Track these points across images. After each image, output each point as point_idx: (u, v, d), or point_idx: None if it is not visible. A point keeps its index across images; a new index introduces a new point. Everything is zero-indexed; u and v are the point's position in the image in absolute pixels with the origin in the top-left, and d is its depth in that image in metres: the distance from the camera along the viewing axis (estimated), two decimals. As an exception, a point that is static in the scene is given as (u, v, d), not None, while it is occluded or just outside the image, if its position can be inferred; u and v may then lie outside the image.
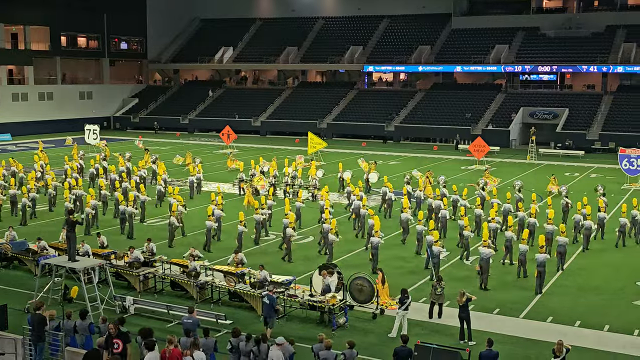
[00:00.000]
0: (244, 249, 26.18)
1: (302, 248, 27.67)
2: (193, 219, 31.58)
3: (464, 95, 74.15)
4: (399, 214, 29.74)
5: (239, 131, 66.53)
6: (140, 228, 30.43)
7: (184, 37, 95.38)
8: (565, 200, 32.60)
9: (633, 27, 71.76)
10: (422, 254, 26.26)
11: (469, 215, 30.04)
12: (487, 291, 22.43)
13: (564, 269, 25.07)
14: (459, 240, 27.12)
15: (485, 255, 22.80)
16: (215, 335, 17.22)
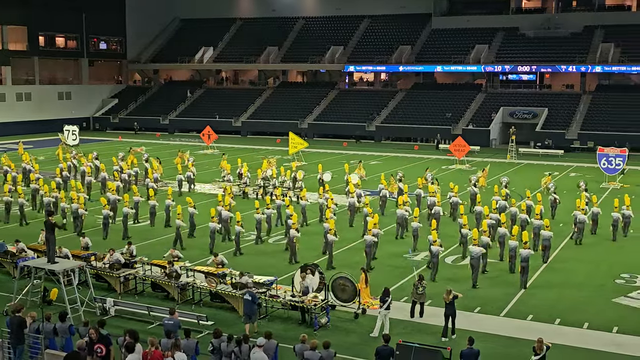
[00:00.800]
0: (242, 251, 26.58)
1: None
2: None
3: (444, 95, 74.48)
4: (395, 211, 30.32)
5: (220, 131, 66.29)
6: (132, 228, 30.17)
7: (164, 37, 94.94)
8: (553, 196, 33.63)
9: (611, 27, 72.49)
10: (417, 249, 27.22)
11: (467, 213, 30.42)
12: (476, 289, 22.63)
13: (547, 261, 25.83)
14: (460, 237, 27.16)
15: (475, 253, 22.99)
16: (196, 337, 17.14)
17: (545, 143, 63.11)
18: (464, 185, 39.07)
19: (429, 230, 25.56)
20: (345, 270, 22.29)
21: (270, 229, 29.72)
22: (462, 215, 27.80)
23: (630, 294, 22.21)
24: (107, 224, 29.17)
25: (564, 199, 35.11)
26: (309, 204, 31.80)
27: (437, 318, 19.66)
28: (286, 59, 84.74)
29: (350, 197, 32.60)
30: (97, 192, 38.71)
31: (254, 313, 18.72)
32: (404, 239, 29.05)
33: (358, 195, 33.52)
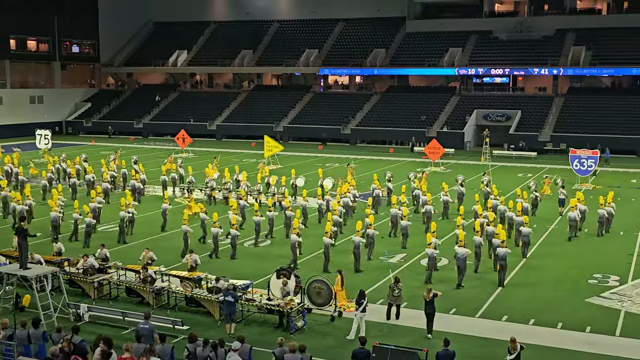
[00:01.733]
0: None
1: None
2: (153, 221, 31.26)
3: (419, 98, 74.85)
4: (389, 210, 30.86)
5: (194, 135, 66.01)
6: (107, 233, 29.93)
7: (137, 40, 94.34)
8: (534, 194, 34.76)
9: (582, 30, 73.39)
10: (407, 246, 28.04)
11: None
12: (458, 289, 22.88)
13: (527, 256, 26.67)
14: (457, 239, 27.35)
15: (461, 254, 23.17)
16: (172, 341, 17.03)
17: (520, 145, 63.70)
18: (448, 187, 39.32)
19: (421, 229, 25.78)
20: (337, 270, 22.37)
21: (271, 232, 29.91)
22: (460, 216, 27.91)
23: (602, 294, 22.47)
24: (90, 233, 28.59)
25: (546, 198, 35.92)
26: (276, 214, 31.20)
27: (414, 320, 19.73)
28: (261, 62, 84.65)
29: (344, 197, 33.10)
30: (82, 194, 38.46)
31: (234, 312, 18.87)
32: (397, 237, 29.43)
33: (353, 196, 34.13)
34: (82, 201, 32.83)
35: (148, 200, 38.21)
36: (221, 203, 37.10)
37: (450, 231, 29.12)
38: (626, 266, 25.75)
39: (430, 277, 23.58)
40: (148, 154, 56.75)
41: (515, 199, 32.10)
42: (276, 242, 29.03)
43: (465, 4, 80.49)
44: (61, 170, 44.09)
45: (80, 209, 29.81)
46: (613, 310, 21.06)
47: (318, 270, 23.99)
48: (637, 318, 20.37)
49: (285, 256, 26.30)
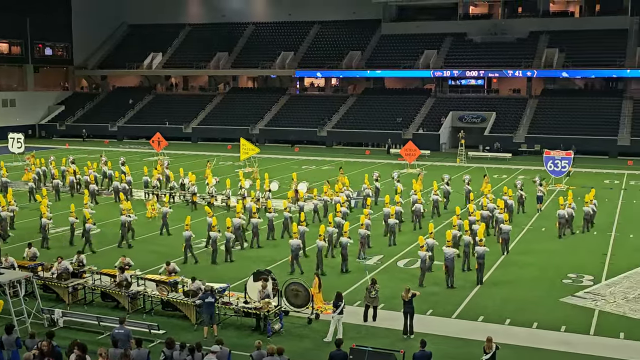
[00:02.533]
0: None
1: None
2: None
3: (394, 100, 75.13)
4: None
5: (170, 138, 65.57)
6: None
7: (111, 42, 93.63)
8: (520, 193, 35.89)
9: (555, 32, 74.17)
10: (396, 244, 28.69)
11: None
12: (453, 289, 23.11)
13: (507, 253, 27.46)
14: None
15: (449, 255, 23.30)
16: (148, 346, 16.89)
17: (495, 147, 64.18)
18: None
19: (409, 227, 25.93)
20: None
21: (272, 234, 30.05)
22: (454, 217, 28.17)
23: (577, 294, 22.69)
24: (89, 238, 28.10)
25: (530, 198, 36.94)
26: (275, 215, 31.01)
27: (391, 321, 19.78)
28: (236, 64, 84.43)
29: (336, 197, 33.65)
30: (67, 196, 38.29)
31: (214, 313, 18.82)
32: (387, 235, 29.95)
33: (347, 196, 34.71)
34: (65, 203, 32.55)
35: (134, 204, 37.66)
36: (199, 207, 36.75)
37: (441, 230, 29.34)
38: (600, 266, 26.04)
39: (423, 280, 23.53)
40: (124, 157, 56.18)
41: (502, 196, 33.16)
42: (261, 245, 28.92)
43: (440, 6, 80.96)
44: (48, 172, 44.07)
45: (76, 212, 29.72)
46: (587, 309, 21.28)
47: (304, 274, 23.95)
48: (611, 317, 20.60)
49: (264, 259, 26.24)
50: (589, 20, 74.49)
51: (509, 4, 78.98)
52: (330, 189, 36.25)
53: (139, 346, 15.53)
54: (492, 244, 27.53)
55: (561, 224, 30.85)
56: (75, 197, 39.50)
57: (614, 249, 28.79)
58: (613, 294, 22.72)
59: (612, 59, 68.60)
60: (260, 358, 15.17)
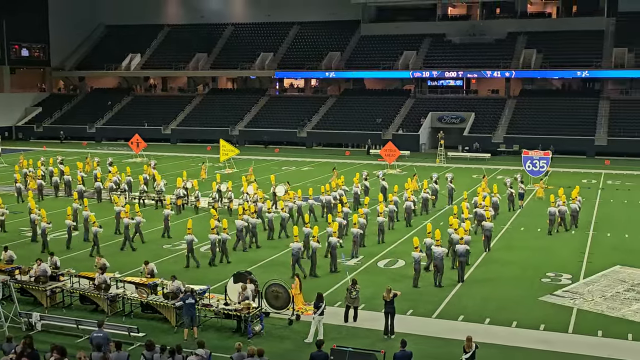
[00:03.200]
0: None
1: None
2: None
3: (374, 101, 75.31)
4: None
5: (149, 139, 65.24)
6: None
7: (89, 43, 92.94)
8: (510, 190, 36.93)
9: (533, 33, 74.79)
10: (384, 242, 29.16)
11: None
12: (419, 289, 23.13)
13: (489, 250, 28.05)
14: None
15: (438, 254, 23.46)
16: (127, 349, 16.77)
17: (474, 147, 64.54)
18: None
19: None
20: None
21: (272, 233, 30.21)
22: (451, 217, 28.19)
23: (555, 292, 22.86)
24: (97, 242, 27.67)
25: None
26: (275, 215, 30.95)
27: (372, 322, 19.80)
28: (216, 65, 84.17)
29: (327, 195, 34.13)
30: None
31: (195, 315, 18.74)
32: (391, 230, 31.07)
33: (339, 195, 34.93)
34: (49, 204, 32.15)
35: (106, 205, 37.57)
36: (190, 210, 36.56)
37: (444, 227, 29.37)
38: (578, 264, 26.27)
39: (417, 280, 23.51)
40: (103, 159, 55.76)
41: (489, 194, 33.95)
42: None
43: (419, 7, 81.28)
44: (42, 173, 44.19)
45: (71, 215, 29.50)
46: (566, 308, 21.45)
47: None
48: (589, 315, 20.79)
49: (246, 260, 26.18)
50: (566, 21, 75.21)
51: (487, 5, 79.54)
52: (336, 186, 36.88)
53: (118, 349, 15.42)
54: (477, 242, 28.10)
55: (552, 221, 31.40)
56: (62, 199, 39.24)
57: (592, 247, 29.06)
58: (591, 292, 22.93)
59: (589, 60, 69.30)
60: (240, 359, 15.12)
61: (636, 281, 24.06)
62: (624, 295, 22.52)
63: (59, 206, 35.75)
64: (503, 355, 17.88)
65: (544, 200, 39.11)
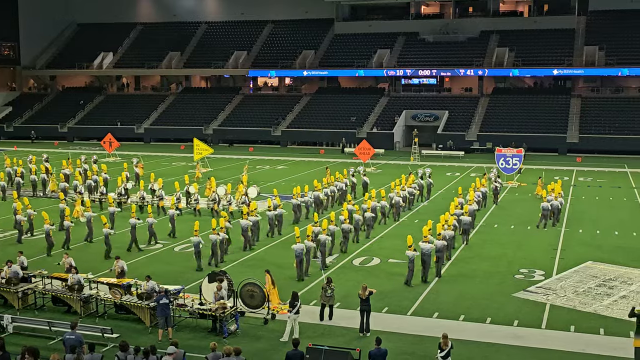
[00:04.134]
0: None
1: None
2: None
3: (348, 99, 75.43)
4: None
5: (122, 139, 64.71)
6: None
7: (60, 42, 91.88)
8: (495, 185, 38.10)
9: (505, 32, 75.42)
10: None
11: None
12: (410, 287, 23.24)
13: (467, 242, 28.80)
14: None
15: (426, 250, 23.58)
16: (101, 350, 16.62)
17: (448, 145, 64.93)
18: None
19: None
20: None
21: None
22: (447, 213, 28.53)
23: (529, 288, 23.07)
24: (109, 242, 27.23)
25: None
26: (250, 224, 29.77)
27: (347, 320, 19.82)
28: (189, 64, 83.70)
29: (316, 192, 34.48)
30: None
31: (170, 316, 18.66)
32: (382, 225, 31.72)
33: (331, 191, 35.92)
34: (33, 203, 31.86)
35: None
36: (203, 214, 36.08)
37: (419, 225, 29.84)
38: (551, 261, 26.55)
39: (411, 279, 23.52)
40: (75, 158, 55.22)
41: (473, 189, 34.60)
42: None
43: (393, 6, 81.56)
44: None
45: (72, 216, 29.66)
46: (539, 303, 21.65)
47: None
48: (562, 311, 21.00)
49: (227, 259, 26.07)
50: (538, 20, 75.95)
51: (460, 3, 79.99)
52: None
53: (91, 351, 15.27)
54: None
55: (545, 216, 32.17)
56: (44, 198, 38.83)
57: (564, 244, 29.38)
58: (564, 288, 23.18)
59: (560, 58, 70.09)
60: (217, 359, 15.05)
61: (607, 277, 24.38)
62: (595, 291, 22.81)
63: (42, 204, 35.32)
64: (477, 352, 17.99)
65: (531, 197, 39.73)
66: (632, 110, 65.97)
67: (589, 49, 70.25)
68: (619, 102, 68.22)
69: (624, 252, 27.79)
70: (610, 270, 25.15)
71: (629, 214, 35.88)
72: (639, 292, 22.46)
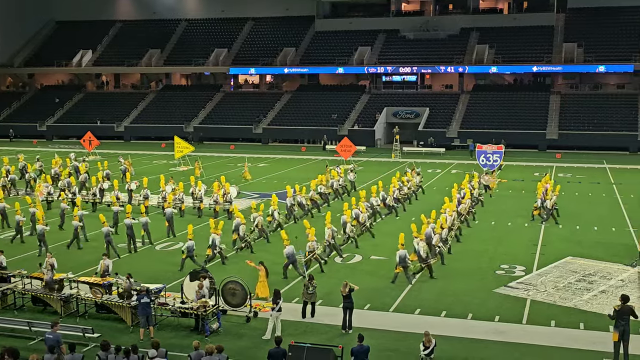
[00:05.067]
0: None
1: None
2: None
3: (329, 97, 75.43)
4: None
5: (102, 137, 64.29)
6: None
7: (39, 40, 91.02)
8: (483, 180, 39.20)
9: (485, 29, 75.79)
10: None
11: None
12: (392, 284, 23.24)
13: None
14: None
15: (402, 255, 23.14)
16: (82, 350, 16.51)
17: (429, 142, 65.16)
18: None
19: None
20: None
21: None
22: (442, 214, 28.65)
23: (510, 284, 23.22)
24: (111, 241, 26.86)
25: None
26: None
27: (330, 317, 19.83)
28: (169, 61, 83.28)
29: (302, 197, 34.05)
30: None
31: (152, 315, 18.62)
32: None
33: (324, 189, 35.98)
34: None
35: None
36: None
37: (407, 221, 29.63)
38: (531, 256, 26.74)
39: (405, 277, 23.54)
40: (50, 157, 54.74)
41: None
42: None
43: (373, 3, 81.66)
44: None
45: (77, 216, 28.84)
46: (520, 299, 21.80)
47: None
48: (542, 306, 21.16)
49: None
50: (517, 17, 76.39)
51: (440, 1, 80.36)
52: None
53: (72, 351, 15.17)
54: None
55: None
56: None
57: (544, 239, 29.60)
58: (544, 283, 23.35)
59: (540, 55, 70.57)
60: (198, 358, 15.00)
61: (587, 272, 24.60)
62: (575, 286, 23.00)
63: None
64: (459, 348, 18.08)
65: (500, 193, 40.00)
66: (611, 107, 66.60)
67: (568, 46, 70.80)
68: (597, 99, 68.82)
69: (603, 248, 28.05)
70: (590, 266, 25.38)
71: (608, 210, 36.21)
72: (618, 287, 22.68)
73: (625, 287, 22.72)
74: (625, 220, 33.50)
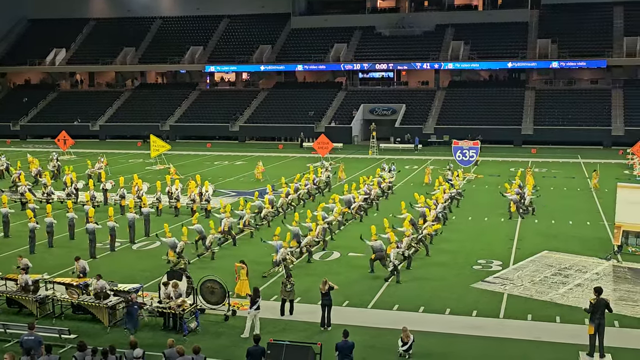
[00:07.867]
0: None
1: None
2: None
3: (306, 94, 75.41)
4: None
5: (77, 136, 63.68)
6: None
7: (11, 38, 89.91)
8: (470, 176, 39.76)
9: (460, 26, 76.18)
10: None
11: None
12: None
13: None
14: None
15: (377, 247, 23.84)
16: (59, 352, 16.34)
17: (406, 138, 65.38)
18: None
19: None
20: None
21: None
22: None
23: (487, 279, 23.37)
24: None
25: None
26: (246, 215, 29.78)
27: (308, 314, 19.82)
28: (144, 59, 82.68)
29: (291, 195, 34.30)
30: None
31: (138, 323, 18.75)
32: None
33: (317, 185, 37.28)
34: None
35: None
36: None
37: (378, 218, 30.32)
38: (508, 251, 26.93)
39: (379, 269, 23.78)
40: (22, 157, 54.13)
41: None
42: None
43: (349, 0, 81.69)
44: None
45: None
46: (497, 293, 21.95)
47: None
48: (519, 300, 21.32)
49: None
50: (492, 13, 76.94)
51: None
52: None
53: (48, 352, 15.00)
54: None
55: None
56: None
57: (521, 234, 29.83)
58: (520, 277, 23.53)
59: (514, 51, 71.09)
60: (172, 356, 14.92)
61: (563, 265, 24.83)
62: (551, 280, 23.21)
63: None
64: (438, 343, 18.16)
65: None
66: (585, 102, 67.29)
67: (542, 42, 71.41)
68: (571, 94, 69.50)
69: (578, 241, 28.34)
70: (566, 259, 25.63)
71: (583, 204, 36.60)
72: (593, 280, 22.92)
73: (600, 280, 22.98)
74: (600, 214, 33.88)
